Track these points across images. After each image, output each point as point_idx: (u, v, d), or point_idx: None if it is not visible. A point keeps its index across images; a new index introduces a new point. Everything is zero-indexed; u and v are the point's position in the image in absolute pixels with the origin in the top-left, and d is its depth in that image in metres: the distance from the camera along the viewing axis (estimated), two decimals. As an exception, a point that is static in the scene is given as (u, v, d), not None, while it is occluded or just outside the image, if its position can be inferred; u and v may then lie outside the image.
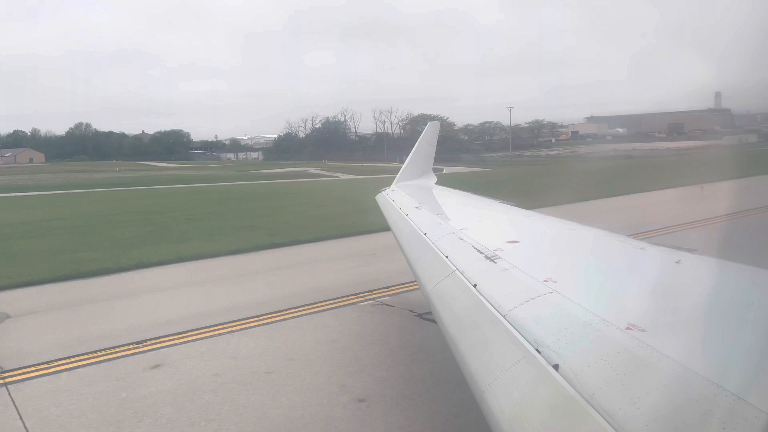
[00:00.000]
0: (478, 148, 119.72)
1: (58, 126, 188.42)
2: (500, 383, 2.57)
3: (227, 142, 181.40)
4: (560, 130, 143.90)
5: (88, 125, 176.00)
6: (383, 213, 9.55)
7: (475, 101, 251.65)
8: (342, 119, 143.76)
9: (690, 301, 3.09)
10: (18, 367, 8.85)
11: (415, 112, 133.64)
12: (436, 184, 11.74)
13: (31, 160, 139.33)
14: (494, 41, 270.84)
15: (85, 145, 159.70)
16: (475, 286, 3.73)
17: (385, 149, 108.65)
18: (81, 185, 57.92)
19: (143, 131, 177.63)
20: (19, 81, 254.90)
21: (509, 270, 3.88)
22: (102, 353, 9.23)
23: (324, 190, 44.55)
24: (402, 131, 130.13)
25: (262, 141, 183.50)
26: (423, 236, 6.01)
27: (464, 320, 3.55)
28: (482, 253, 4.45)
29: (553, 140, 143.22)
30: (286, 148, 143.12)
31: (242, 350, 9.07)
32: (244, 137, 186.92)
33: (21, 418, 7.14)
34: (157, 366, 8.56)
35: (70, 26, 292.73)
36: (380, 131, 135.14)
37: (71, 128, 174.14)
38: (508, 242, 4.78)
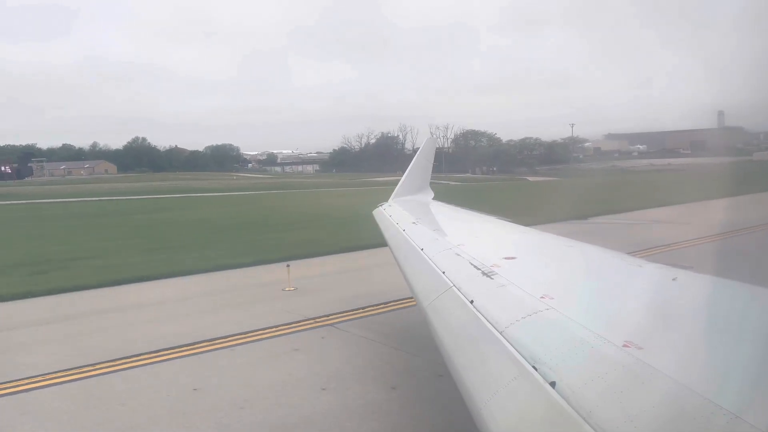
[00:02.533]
0: (532, 161, 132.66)
1: (65, 142, 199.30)
2: (497, 400, 2.59)
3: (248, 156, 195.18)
4: (586, 146, 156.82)
5: (143, 139, 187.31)
6: (380, 228, 9.66)
7: (470, 119, 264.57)
8: (397, 135, 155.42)
9: (687, 319, 3.12)
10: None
11: (413, 127, 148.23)
12: (433, 199, 12.04)
13: (106, 171, 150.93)
14: (493, 61, 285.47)
15: (140, 158, 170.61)
16: (471, 302, 3.77)
17: (444, 162, 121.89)
18: (239, 189, 69.80)
19: (176, 145, 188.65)
20: (24, 97, 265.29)
21: (506, 286, 3.93)
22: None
23: (507, 191, 56.73)
24: (452, 146, 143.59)
25: (282, 155, 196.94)
26: (420, 252, 6.09)
27: (461, 336, 3.59)
28: (479, 269, 4.51)
29: (581, 156, 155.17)
30: (341, 161, 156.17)
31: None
32: (253, 153, 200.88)
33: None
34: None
35: (78, 44, 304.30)
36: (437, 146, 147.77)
37: (128, 142, 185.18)
38: (505, 258, 4.84)
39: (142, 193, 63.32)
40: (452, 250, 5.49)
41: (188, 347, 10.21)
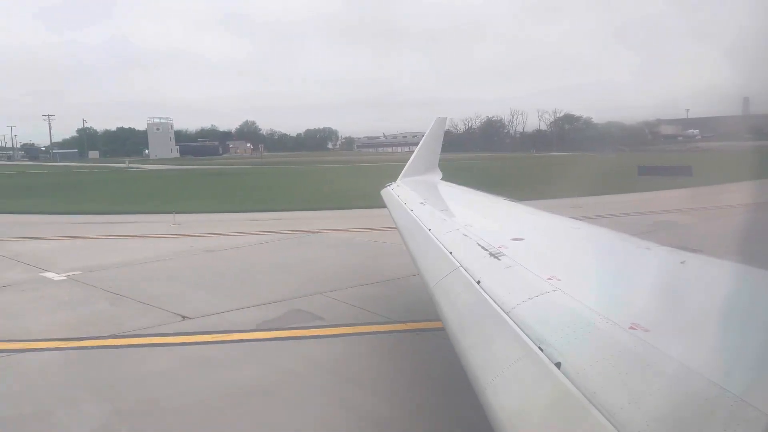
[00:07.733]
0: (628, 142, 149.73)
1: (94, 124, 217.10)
2: (502, 380, 2.61)
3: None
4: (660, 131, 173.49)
5: (252, 122, 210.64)
6: (388, 208, 9.70)
7: (481, 106, 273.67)
8: (504, 118, 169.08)
9: (694, 302, 3.12)
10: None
11: (428, 115, 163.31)
12: (441, 179, 12.09)
13: (244, 150, 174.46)
14: (510, 46, 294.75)
15: (250, 139, 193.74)
16: (478, 282, 3.79)
17: (554, 143, 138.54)
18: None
19: (272, 129, 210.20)
20: (60, 82, 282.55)
21: (513, 267, 3.94)
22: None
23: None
24: (549, 129, 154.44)
25: (379, 138, 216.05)
26: (427, 232, 6.10)
27: (467, 316, 3.62)
28: (486, 249, 4.52)
29: (650, 136, 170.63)
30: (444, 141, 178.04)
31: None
32: (347, 136, 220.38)
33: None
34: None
35: (114, 30, 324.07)
36: (541, 129, 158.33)
37: (240, 125, 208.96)
38: (513, 239, 4.87)
39: (340, 163, 78.92)
40: (459, 231, 5.52)
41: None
